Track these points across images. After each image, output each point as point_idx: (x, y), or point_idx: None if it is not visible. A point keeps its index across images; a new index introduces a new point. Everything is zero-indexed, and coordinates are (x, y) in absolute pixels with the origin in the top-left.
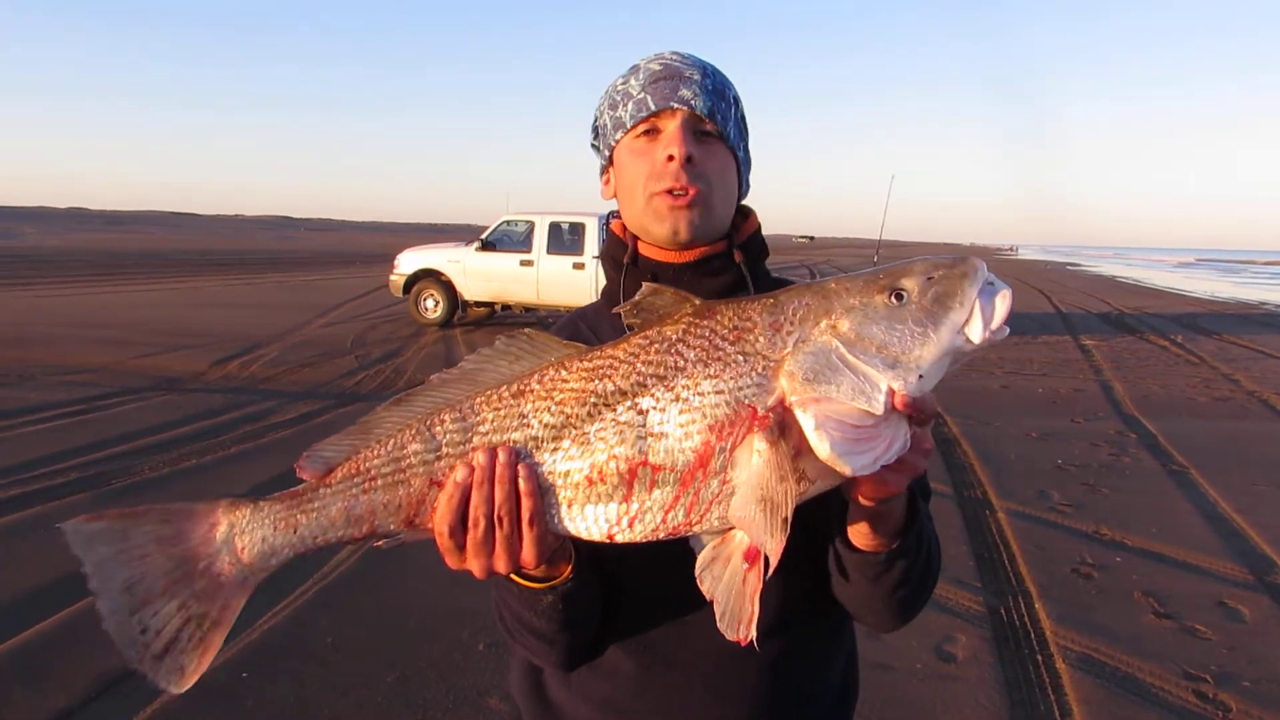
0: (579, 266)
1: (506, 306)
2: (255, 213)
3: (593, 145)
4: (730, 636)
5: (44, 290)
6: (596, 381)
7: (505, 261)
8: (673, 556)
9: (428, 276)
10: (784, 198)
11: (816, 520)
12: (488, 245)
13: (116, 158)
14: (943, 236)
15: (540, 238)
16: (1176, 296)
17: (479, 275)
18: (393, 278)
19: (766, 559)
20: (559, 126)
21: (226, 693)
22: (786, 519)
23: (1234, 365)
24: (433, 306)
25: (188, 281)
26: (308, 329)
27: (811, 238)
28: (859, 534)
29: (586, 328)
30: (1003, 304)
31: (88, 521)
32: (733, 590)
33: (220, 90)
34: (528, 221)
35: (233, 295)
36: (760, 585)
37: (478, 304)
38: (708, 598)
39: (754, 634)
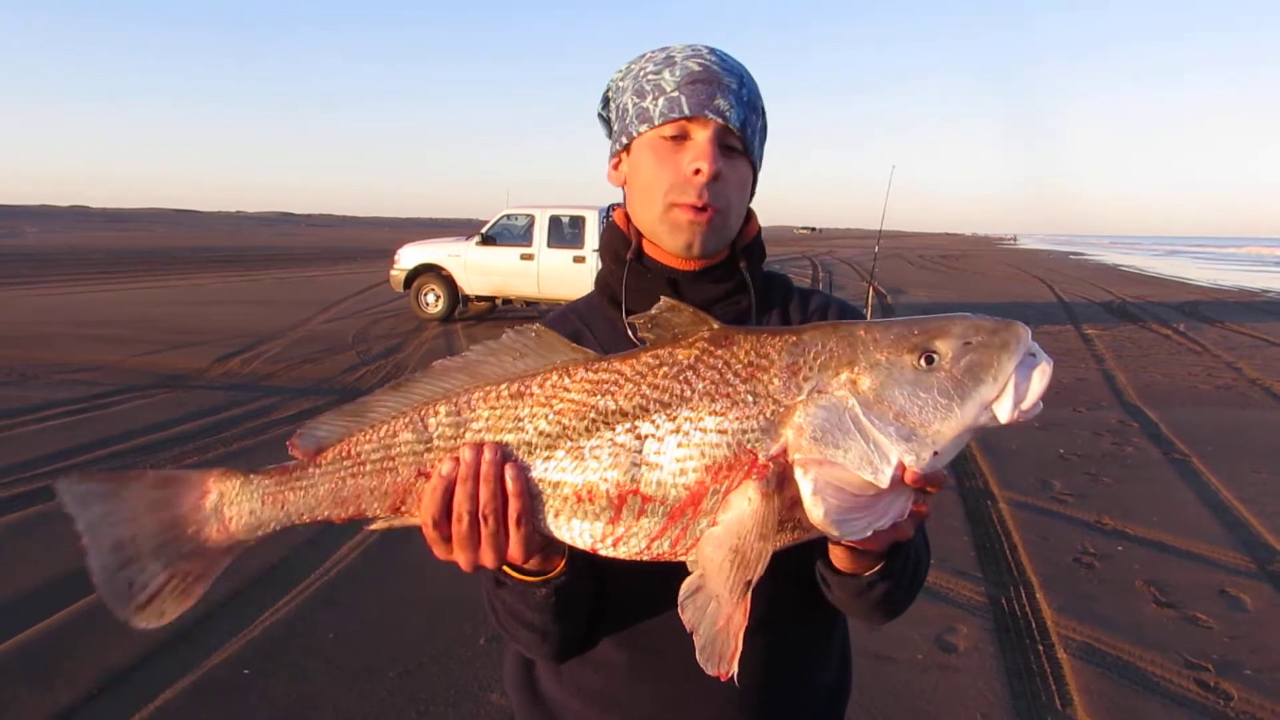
0: (579, 260)
1: (507, 301)
2: (255, 209)
3: (601, 116)
4: (709, 671)
5: (46, 289)
6: (598, 397)
7: (506, 255)
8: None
9: (428, 271)
10: (786, 189)
11: None
12: (488, 239)
13: (117, 156)
14: (944, 227)
15: (540, 231)
16: (1178, 284)
17: (479, 269)
18: (393, 273)
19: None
20: (559, 121)
21: (228, 688)
22: (750, 582)
23: (1236, 353)
24: (433, 301)
25: (189, 279)
26: (309, 325)
27: (814, 229)
28: (840, 560)
29: (578, 320)
30: (1040, 380)
31: (81, 481)
32: (715, 625)
33: (220, 87)
34: (528, 215)
35: (234, 292)
36: (745, 623)
37: (478, 298)
38: (688, 629)
39: (735, 670)
